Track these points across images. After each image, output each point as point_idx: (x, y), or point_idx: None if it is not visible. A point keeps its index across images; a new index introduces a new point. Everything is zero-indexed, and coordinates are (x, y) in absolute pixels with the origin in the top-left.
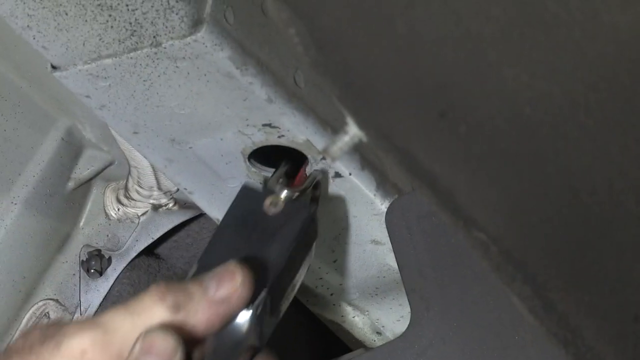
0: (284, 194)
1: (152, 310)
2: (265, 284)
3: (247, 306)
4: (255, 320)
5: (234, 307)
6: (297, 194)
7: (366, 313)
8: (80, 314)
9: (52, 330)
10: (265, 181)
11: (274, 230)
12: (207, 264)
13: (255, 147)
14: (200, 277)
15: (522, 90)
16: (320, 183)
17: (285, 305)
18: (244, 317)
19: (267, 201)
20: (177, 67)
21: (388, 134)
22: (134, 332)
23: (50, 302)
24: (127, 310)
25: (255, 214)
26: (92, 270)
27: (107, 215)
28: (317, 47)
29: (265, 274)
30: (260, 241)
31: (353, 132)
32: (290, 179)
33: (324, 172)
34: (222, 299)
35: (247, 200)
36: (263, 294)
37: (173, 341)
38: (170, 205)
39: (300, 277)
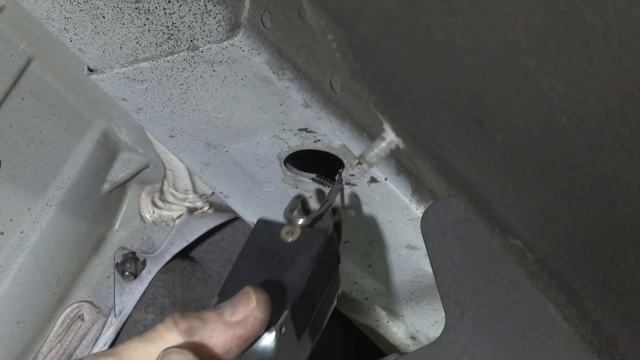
0: (300, 222)
1: (166, 336)
2: (286, 305)
3: (267, 328)
4: (280, 341)
5: (252, 329)
6: (311, 221)
7: (400, 318)
8: (115, 317)
9: None
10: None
11: (292, 256)
12: (226, 295)
13: (291, 152)
14: (217, 305)
15: (558, 99)
16: (338, 209)
17: (315, 332)
18: (269, 339)
19: (284, 231)
20: (214, 71)
21: (425, 140)
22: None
23: (85, 304)
24: (142, 339)
25: (272, 244)
26: (126, 273)
27: (142, 217)
28: (355, 55)
29: (286, 296)
30: (278, 268)
31: (390, 138)
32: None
33: (357, 186)
34: (238, 321)
35: (264, 232)
36: (285, 313)
37: (190, 357)
38: (206, 208)
39: (329, 305)
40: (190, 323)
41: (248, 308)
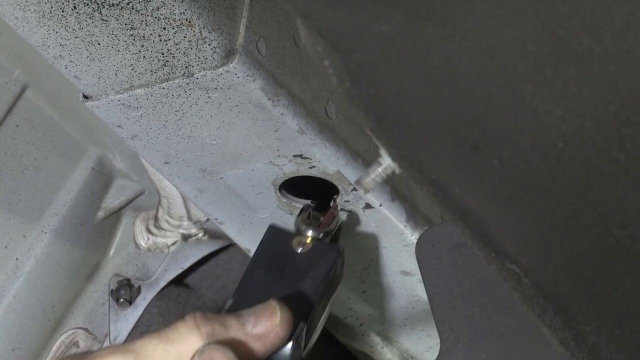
0: (310, 233)
1: (187, 338)
2: (303, 317)
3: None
4: (294, 353)
5: (270, 345)
6: (322, 234)
7: (395, 343)
8: (110, 343)
9: (83, 357)
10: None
11: (305, 268)
12: (242, 299)
13: (286, 178)
14: (239, 311)
15: (555, 125)
16: (341, 224)
17: (313, 341)
18: (285, 351)
19: (295, 241)
20: (209, 97)
21: (421, 166)
22: (156, 349)
23: (80, 331)
24: (161, 338)
25: (284, 253)
26: (121, 300)
27: (136, 244)
28: (351, 80)
29: (302, 308)
30: (293, 278)
31: (386, 163)
32: (318, 215)
33: (351, 212)
34: (259, 335)
35: (275, 240)
36: (302, 325)
37: (232, 357)
38: (200, 235)
39: (325, 317)
40: (212, 327)
41: (271, 323)
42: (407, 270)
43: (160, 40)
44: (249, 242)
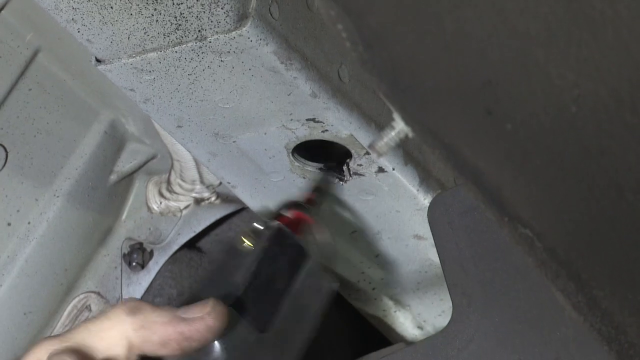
0: (251, 228)
1: (110, 315)
2: (242, 313)
3: (217, 338)
4: (225, 345)
5: (195, 331)
6: (264, 225)
7: (407, 307)
8: None
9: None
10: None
11: (243, 261)
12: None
13: (298, 142)
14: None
15: (568, 89)
16: (321, 190)
17: (298, 330)
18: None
19: (239, 245)
20: (221, 61)
21: (435, 130)
22: (89, 335)
23: (92, 294)
24: (91, 320)
25: (230, 261)
26: (134, 263)
27: (149, 208)
28: (365, 44)
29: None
30: (229, 274)
31: (399, 127)
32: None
33: (364, 175)
34: (186, 318)
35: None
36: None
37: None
38: (213, 199)
39: (311, 302)
40: (138, 305)
41: (200, 310)
42: (420, 234)
43: (173, 3)
44: (262, 206)
